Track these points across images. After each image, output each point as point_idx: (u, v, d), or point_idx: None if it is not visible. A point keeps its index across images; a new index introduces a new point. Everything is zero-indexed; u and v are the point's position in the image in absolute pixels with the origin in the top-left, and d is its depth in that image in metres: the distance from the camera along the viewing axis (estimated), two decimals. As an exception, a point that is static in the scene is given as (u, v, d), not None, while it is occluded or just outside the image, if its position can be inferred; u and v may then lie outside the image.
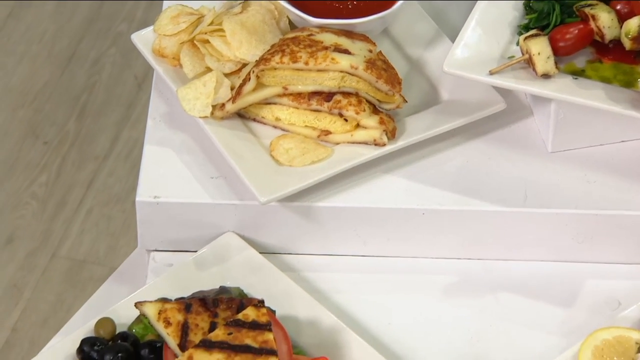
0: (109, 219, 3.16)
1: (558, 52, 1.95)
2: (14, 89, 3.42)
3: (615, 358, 1.82)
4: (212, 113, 2.01)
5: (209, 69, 2.05)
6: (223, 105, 2.02)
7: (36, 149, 3.29)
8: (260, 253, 1.98)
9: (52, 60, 3.50)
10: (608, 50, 1.97)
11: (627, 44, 1.93)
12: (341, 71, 1.97)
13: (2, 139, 3.31)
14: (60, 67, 3.48)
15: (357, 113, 1.99)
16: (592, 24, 1.96)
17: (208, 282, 1.93)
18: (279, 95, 2.01)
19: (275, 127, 2.04)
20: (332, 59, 1.97)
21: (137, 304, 1.85)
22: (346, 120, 2.00)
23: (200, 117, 2.01)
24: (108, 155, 3.29)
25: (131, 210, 3.17)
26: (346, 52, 1.98)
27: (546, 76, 1.94)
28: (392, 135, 2.00)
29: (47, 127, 3.34)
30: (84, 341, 1.86)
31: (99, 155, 3.28)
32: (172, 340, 1.81)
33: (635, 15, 1.93)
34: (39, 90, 3.43)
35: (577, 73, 1.96)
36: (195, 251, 1.98)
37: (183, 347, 1.80)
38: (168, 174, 2.00)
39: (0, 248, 3.08)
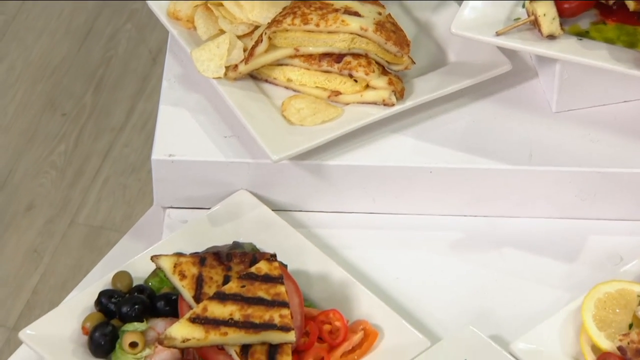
0: (125, 188, 3.13)
1: (563, 14, 1.91)
2: (34, 64, 3.39)
3: (617, 310, 1.79)
4: (225, 74, 1.98)
5: (222, 31, 2.01)
6: (236, 66, 1.98)
7: (55, 121, 3.27)
8: (272, 210, 1.95)
9: (70, 36, 3.46)
10: (612, 11, 1.93)
11: (631, 5, 1.89)
12: (351, 33, 1.94)
13: (22, 111, 3.28)
14: (77, 42, 3.45)
15: (367, 74, 1.95)
16: (597, -14, 1.92)
17: (222, 238, 1.90)
18: (291, 57, 1.98)
19: (286, 87, 2.00)
20: (343, 21, 1.93)
21: (153, 257, 1.81)
22: (356, 81, 1.97)
23: (213, 78, 1.98)
24: (124, 127, 3.26)
25: (146, 179, 3.14)
26: (356, 14, 1.94)
27: (551, 37, 1.90)
28: (400, 95, 1.96)
29: (65, 100, 3.31)
30: (102, 293, 1.83)
31: (115, 127, 3.26)
32: (187, 292, 1.78)
33: (639, -23, 1.89)
34: (58, 65, 3.40)
35: (582, 34, 1.92)
36: (209, 208, 1.95)
37: (198, 299, 1.77)
38: (183, 133, 1.97)
39: (20, 215, 3.05)
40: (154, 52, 3.44)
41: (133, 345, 1.77)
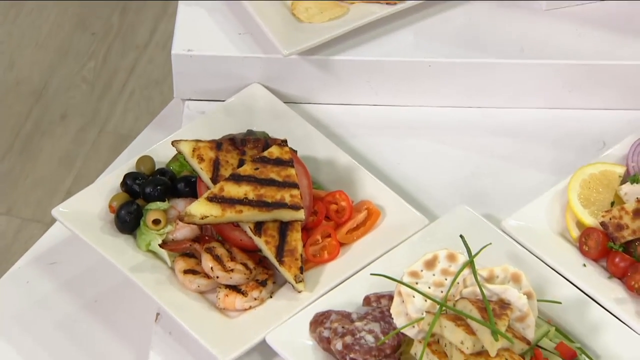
0: (149, 100, 3.08)
1: None
2: (66, -13, 3.33)
3: (600, 189, 1.74)
4: (239, -25, 1.91)
5: (236, -64, 1.94)
6: (249, -32, 1.92)
7: (85, 39, 3.21)
8: (283, 102, 1.89)
9: (99, -37, 3.39)
10: None
11: None
12: (356, -64, 1.87)
13: (56, 30, 3.22)
14: (105, -31, 3.38)
15: (371, -26, 1.88)
16: None
17: (236, 127, 1.85)
18: (300, -41, 1.91)
19: (296, -12, 1.94)
20: None
21: (174, 142, 1.76)
22: (360, -19, 1.90)
23: (229, -21, 1.91)
24: (147, 45, 3.21)
25: (168, 92, 3.09)
26: None
27: (542, -63, 1.83)
28: (402, -6, 1.90)
29: (94, 20, 3.26)
30: (127, 176, 1.79)
31: (139, 45, 3.20)
32: (205, 174, 1.73)
33: None
34: (88, -12, 3.33)
35: None
36: (225, 100, 1.89)
37: (215, 180, 1.73)
38: (200, 30, 1.91)
39: (55, 123, 3.01)
40: (174, -23, 3.37)
41: (156, 222, 1.73)
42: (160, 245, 1.71)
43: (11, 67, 3.13)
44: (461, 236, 1.64)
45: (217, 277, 1.67)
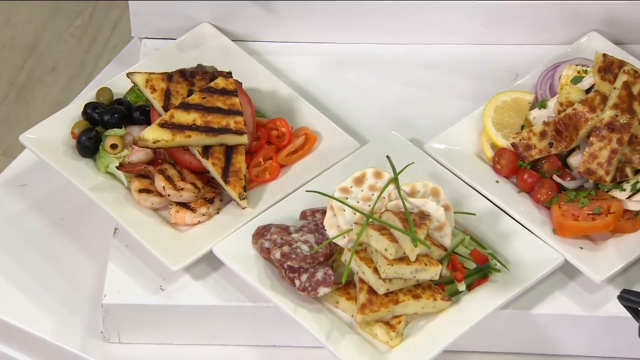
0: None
1: None
2: (56, -47, 3.24)
3: (512, 114, 1.70)
4: None
5: None
6: None
7: (73, -1, 3.14)
8: (231, 40, 1.82)
9: None
10: None
11: None
12: None
13: (46, -9, 3.15)
14: (91, -64, 3.29)
15: None
16: None
17: (188, 62, 1.79)
18: None
19: None
20: None
21: (129, 74, 1.71)
22: None
23: None
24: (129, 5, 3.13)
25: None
26: None
27: None
28: (336, -59, 1.82)
29: (81, -18, 3.18)
30: (87, 105, 1.73)
31: (121, 5, 3.13)
32: (157, 103, 1.67)
33: None
34: (75, -46, 3.24)
35: None
36: (177, 38, 1.82)
37: (166, 109, 1.67)
38: (155, -26, 1.84)
39: (46, 74, 2.95)
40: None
41: (113, 146, 1.67)
42: (117, 168, 1.66)
43: (7, 24, 3.06)
44: (387, 157, 1.59)
45: (169, 195, 1.62)
